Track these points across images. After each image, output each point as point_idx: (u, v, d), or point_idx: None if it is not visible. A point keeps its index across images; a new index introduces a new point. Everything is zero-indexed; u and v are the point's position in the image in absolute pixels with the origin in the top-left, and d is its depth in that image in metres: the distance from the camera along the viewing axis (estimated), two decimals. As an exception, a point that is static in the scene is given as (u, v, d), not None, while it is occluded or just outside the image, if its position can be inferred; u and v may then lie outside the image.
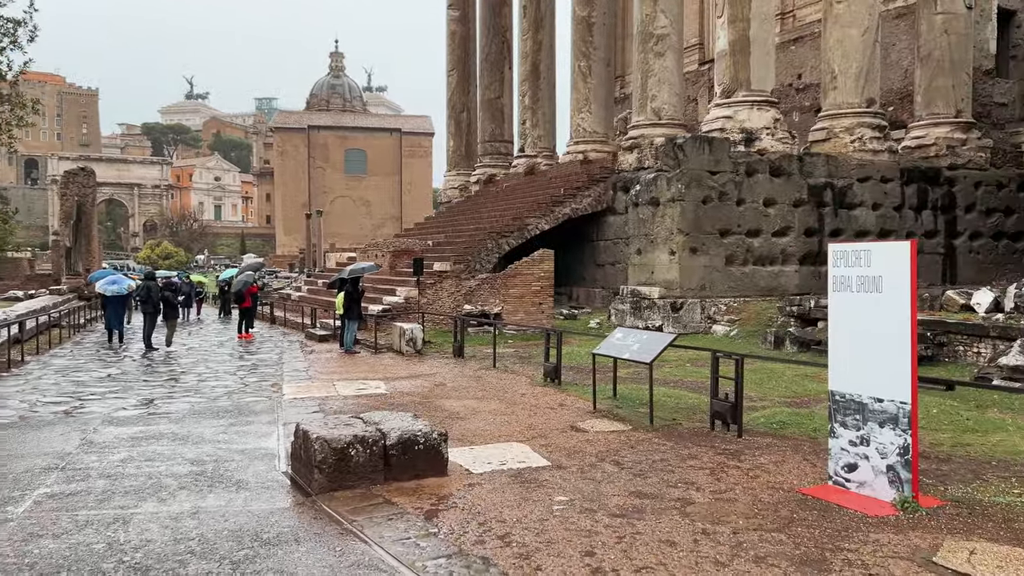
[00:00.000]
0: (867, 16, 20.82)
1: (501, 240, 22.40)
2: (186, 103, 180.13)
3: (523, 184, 27.67)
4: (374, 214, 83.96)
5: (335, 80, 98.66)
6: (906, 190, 21.32)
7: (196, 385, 13.18)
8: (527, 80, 29.49)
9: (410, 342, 16.58)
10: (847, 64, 20.92)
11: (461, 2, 34.92)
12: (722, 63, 20.58)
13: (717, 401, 8.85)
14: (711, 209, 18.88)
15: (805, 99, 27.05)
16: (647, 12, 22.64)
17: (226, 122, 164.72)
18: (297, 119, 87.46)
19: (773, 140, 20.07)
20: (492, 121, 32.59)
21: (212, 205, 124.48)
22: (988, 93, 23.75)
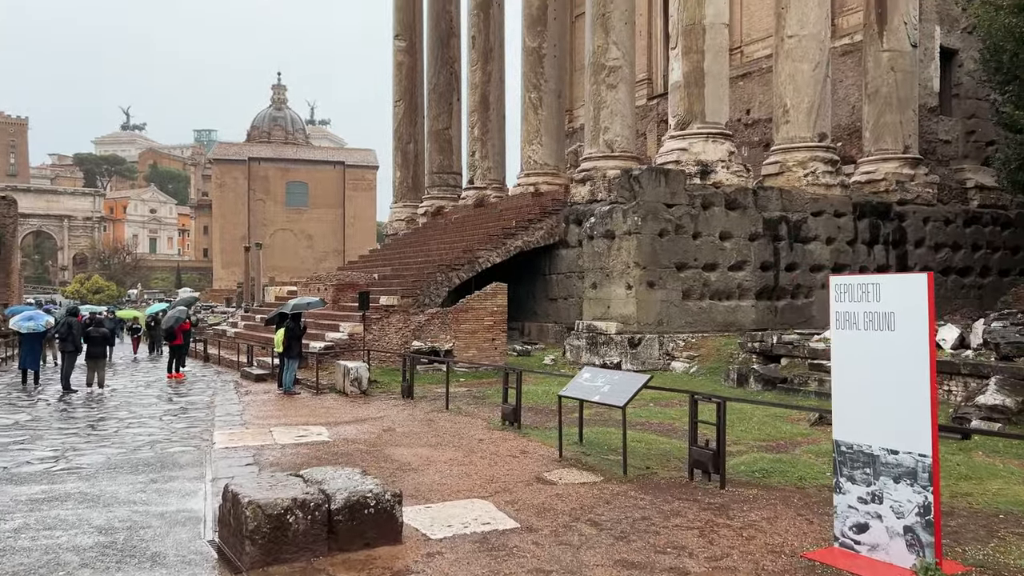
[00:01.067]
0: (818, 51, 20.86)
1: (451, 273, 21.54)
2: (122, 134, 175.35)
3: (473, 216, 26.94)
4: (316, 247, 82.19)
5: (277, 112, 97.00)
6: (859, 224, 21.26)
7: (116, 433, 11.88)
8: (476, 111, 28.94)
9: (355, 382, 15.52)
10: (799, 98, 20.88)
11: (408, 32, 34.36)
12: (676, 95, 20.31)
13: (697, 449, 8.09)
14: (668, 242, 18.40)
15: (754, 134, 27.08)
16: (599, 44, 22.35)
17: (163, 153, 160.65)
18: (237, 151, 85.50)
19: (728, 173, 19.79)
20: (440, 152, 31.89)
21: (147, 238, 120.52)
22: (933, 130, 24.06)
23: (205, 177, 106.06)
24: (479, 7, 29.02)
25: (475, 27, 29.12)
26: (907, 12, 22.08)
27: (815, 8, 20.75)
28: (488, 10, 29.04)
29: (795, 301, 20.35)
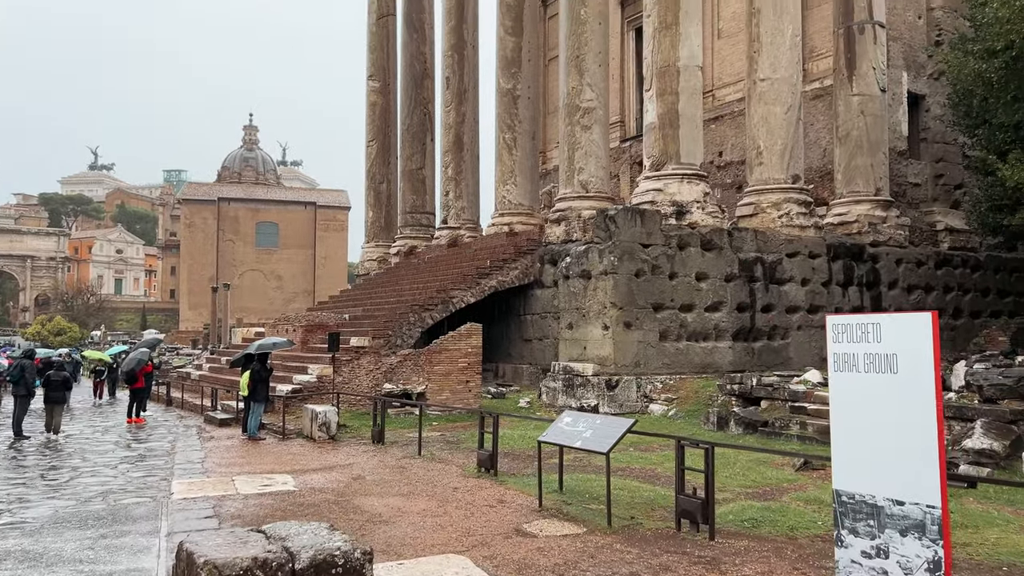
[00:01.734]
0: (789, 94, 21.05)
1: (424, 314, 21.11)
2: (89, 174, 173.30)
3: (446, 256, 26.61)
4: (285, 288, 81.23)
5: (248, 153, 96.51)
6: (833, 266, 21.26)
7: (68, 483, 11.19)
8: (450, 151, 28.81)
9: (323, 427, 14.93)
10: (772, 140, 20.99)
11: (382, 73, 34.33)
12: (651, 136, 20.31)
13: (684, 498, 7.70)
14: (644, 282, 18.19)
15: (727, 176, 27.22)
16: (573, 85, 22.38)
17: (131, 193, 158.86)
18: (207, 191, 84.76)
19: (703, 214, 19.72)
20: (413, 192, 31.65)
21: (112, 278, 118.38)
22: (903, 173, 24.34)
23: (174, 217, 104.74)
24: (453, 49, 29.09)
25: (449, 68, 29.15)
26: (875, 58, 22.43)
27: (787, 52, 20.99)
28: (462, 52, 29.11)
29: (772, 342, 20.19)
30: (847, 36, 22.52)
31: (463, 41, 29.12)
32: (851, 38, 22.43)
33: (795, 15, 21.25)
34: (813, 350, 20.76)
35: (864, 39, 22.30)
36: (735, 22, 26.83)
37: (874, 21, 22.39)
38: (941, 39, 24.12)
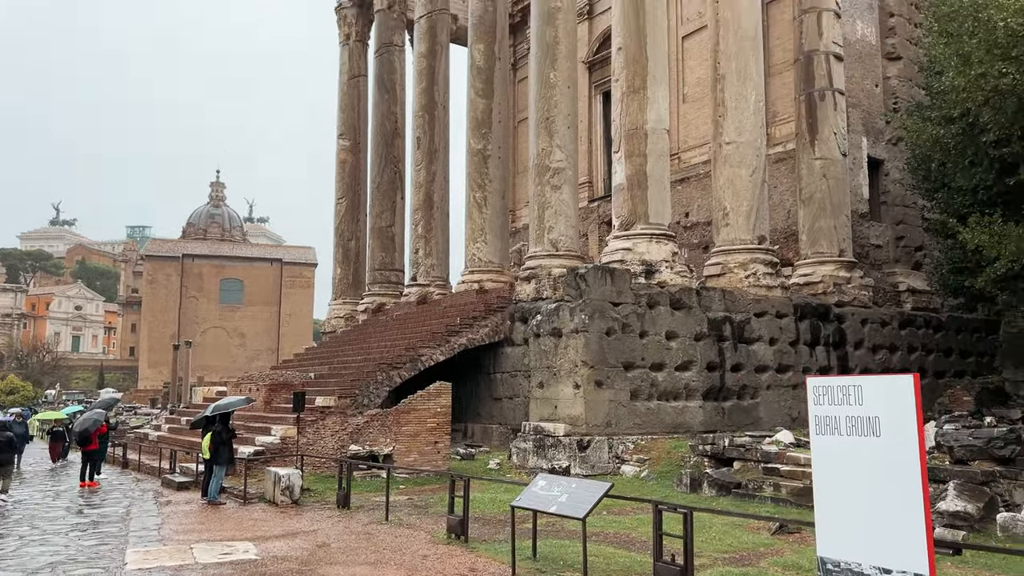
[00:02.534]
0: (754, 157, 21.50)
1: (392, 372, 20.77)
2: (50, 229, 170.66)
3: (415, 313, 26.38)
4: (249, 346, 79.88)
5: (215, 209, 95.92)
6: (800, 326, 21.44)
7: (13, 552, 10.59)
8: (420, 209, 28.84)
9: (286, 490, 14.44)
10: (738, 202, 21.34)
11: (352, 132, 34.54)
12: (620, 196, 20.52)
13: (662, 564, 7.47)
14: (615, 341, 18.13)
15: (694, 236, 27.56)
16: (543, 147, 22.65)
17: (93, 249, 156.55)
18: (171, 247, 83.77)
19: (672, 273, 19.84)
20: (383, 249, 31.53)
21: (70, 335, 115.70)
22: (865, 235, 24.85)
23: (136, 274, 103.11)
24: (424, 109, 29.40)
25: (420, 128, 29.40)
26: (835, 124, 23.10)
27: (751, 117, 21.52)
28: (433, 112, 29.42)
29: (742, 402, 20.16)
30: (808, 102, 23.21)
31: (434, 102, 29.46)
32: (812, 104, 23.12)
33: (758, 82, 21.86)
34: (783, 410, 20.78)
35: (825, 105, 23.00)
36: (700, 88, 27.56)
37: (834, 88, 23.14)
38: (898, 107, 24.98)
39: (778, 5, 25.54)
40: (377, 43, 33.05)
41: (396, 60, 32.84)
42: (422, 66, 29.66)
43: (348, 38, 35.27)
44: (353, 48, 35.16)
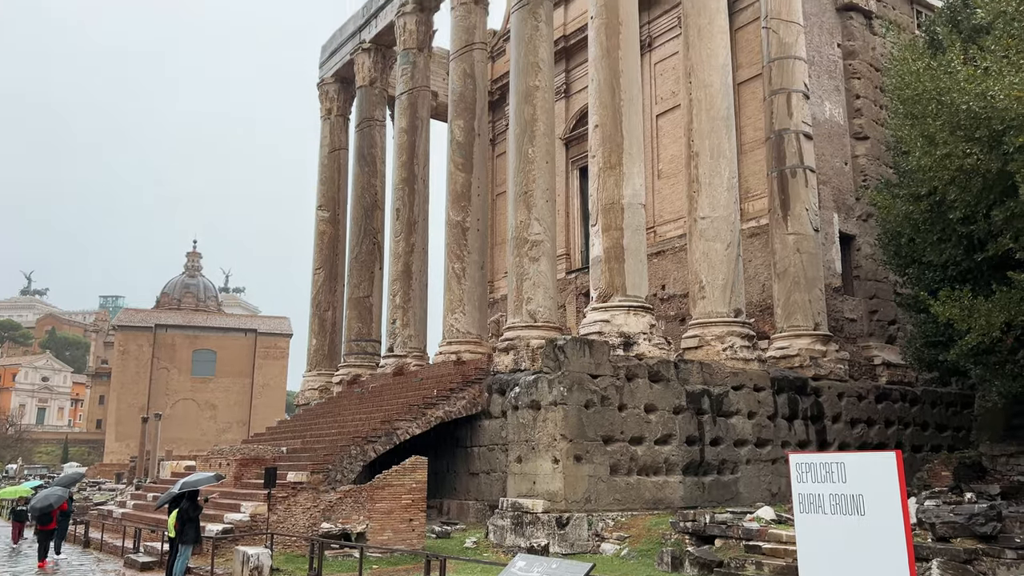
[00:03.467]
0: (729, 232, 21.85)
1: (367, 446, 20.36)
2: (20, 299, 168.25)
3: (391, 385, 26.06)
4: (220, 418, 78.26)
5: (190, 280, 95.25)
6: (778, 399, 21.44)
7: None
8: (399, 280, 28.85)
9: (255, 571, 13.91)
10: (714, 275, 21.57)
11: (332, 204, 34.77)
12: (597, 269, 20.68)
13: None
14: (594, 414, 17.98)
15: (670, 309, 27.73)
16: (521, 219, 22.90)
17: (64, 319, 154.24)
18: (144, 317, 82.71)
19: (650, 345, 19.87)
20: (360, 320, 31.36)
21: (36, 408, 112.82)
22: (839, 309, 25.14)
23: (107, 344, 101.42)
24: (404, 182, 29.73)
25: (400, 200, 29.67)
26: (807, 200, 23.63)
27: (724, 193, 21.96)
28: (413, 185, 29.75)
29: (721, 477, 19.95)
30: (780, 179, 23.78)
31: (414, 175, 29.84)
32: (784, 181, 23.68)
33: (731, 159, 22.41)
34: (763, 485, 20.59)
35: (796, 182, 23.56)
36: (674, 164, 28.20)
37: (804, 166, 23.75)
38: (867, 184, 25.66)
39: (749, 86, 26.41)
40: (358, 118, 33.61)
41: (377, 134, 33.36)
42: (402, 140, 30.13)
43: (330, 112, 35.86)
44: (334, 122, 35.72)
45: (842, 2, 27.23)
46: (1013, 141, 13.38)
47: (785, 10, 24.37)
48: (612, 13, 21.33)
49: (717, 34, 22.61)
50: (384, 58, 33.32)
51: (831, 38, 27.07)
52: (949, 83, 14.38)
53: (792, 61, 24.12)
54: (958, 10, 20.82)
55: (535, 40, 23.89)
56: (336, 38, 35.88)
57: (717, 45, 22.54)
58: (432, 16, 30.99)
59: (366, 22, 33.55)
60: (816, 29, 26.30)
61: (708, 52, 22.42)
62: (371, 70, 33.15)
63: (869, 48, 27.65)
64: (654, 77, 29.64)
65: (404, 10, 30.40)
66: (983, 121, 13.85)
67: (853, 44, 27.29)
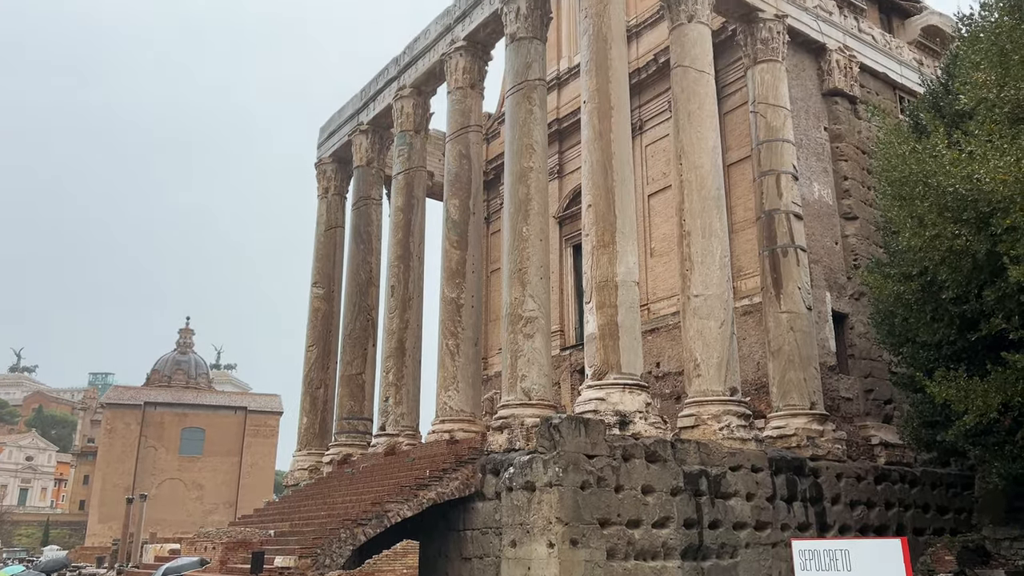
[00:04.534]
0: (722, 310, 21.93)
1: (357, 529, 19.82)
2: (8, 376, 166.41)
3: (383, 465, 25.59)
4: (206, 499, 76.49)
5: (181, 357, 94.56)
6: (776, 480, 21.11)
7: None
8: (392, 356, 28.68)
9: (238, 662, 13.32)
10: (708, 354, 21.54)
11: (327, 281, 34.86)
12: (592, 346, 20.64)
13: None
14: (590, 496, 17.62)
15: (665, 386, 27.57)
16: (516, 296, 22.95)
17: (51, 397, 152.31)
18: (133, 395, 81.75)
19: (647, 424, 19.65)
20: (351, 397, 31.01)
21: (18, 488, 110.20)
22: (835, 387, 25.02)
23: (95, 423, 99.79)
24: (400, 259, 29.91)
25: (395, 277, 29.79)
26: (799, 279, 23.82)
27: (717, 271, 22.14)
28: (408, 262, 29.92)
29: (721, 561, 19.44)
30: (772, 258, 24.03)
31: (409, 252, 30.05)
32: (776, 260, 23.93)
33: (723, 237, 22.68)
34: (763, 570, 20.07)
35: (788, 261, 23.81)
36: (666, 243, 28.51)
37: (796, 245, 24.05)
38: (858, 263, 25.94)
39: (739, 167, 26.96)
40: (355, 197, 34.05)
41: (373, 213, 33.73)
42: (399, 219, 30.46)
43: (327, 191, 36.34)
44: (331, 201, 36.16)
45: (827, 87, 28.09)
46: (1000, 223, 13.61)
47: (772, 95, 25.13)
48: (604, 98, 21.91)
49: (706, 118, 23.21)
50: (381, 139, 34.00)
51: (818, 122, 27.81)
52: (935, 166, 14.73)
53: (780, 144, 24.72)
54: (940, 96, 21.49)
55: (529, 123, 24.45)
56: (334, 120, 36.68)
57: (707, 128, 23.11)
58: (429, 100, 31.78)
59: (364, 105, 34.36)
60: (803, 113, 27.05)
61: (698, 135, 22.97)
62: (368, 151, 33.78)
63: (855, 131, 28.38)
64: (645, 158, 30.27)
65: (402, 94, 31.19)
66: (970, 203, 14.13)
67: (839, 127, 28.03)
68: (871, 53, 29.90)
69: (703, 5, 23.90)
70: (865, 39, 29.93)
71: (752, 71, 25.73)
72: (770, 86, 25.20)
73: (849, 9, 29.86)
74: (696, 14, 23.79)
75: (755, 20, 25.79)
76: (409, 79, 31.25)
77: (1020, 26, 14.83)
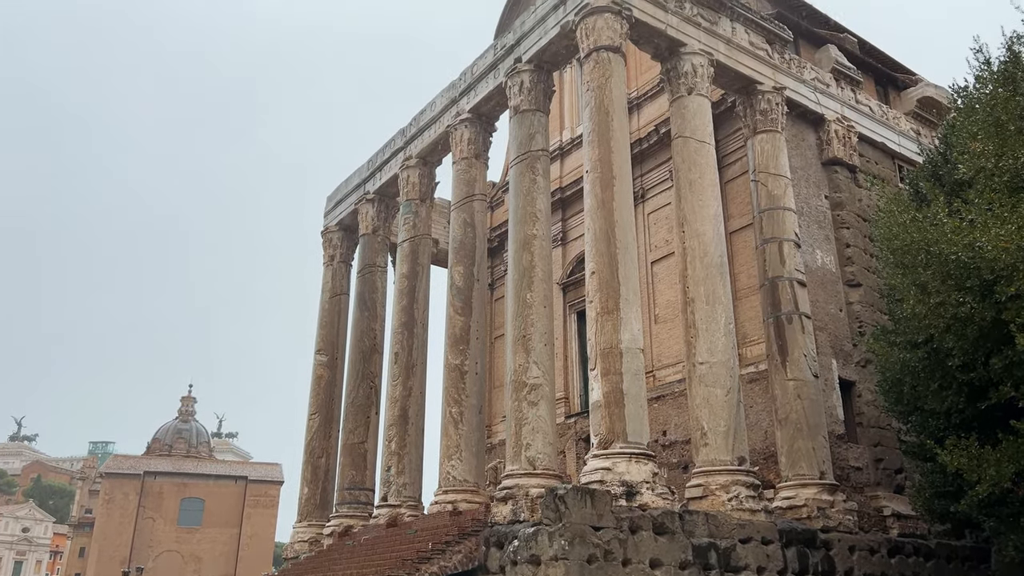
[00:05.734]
0: (728, 377, 21.76)
1: (356, 605, 19.29)
2: (9, 445, 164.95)
3: (385, 537, 25.04)
4: (204, 572, 74.83)
5: (183, 425, 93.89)
6: (787, 553, 20.58)
7: None
8: (395, 425, 28.40)
9: None
10: (715, 422, 21.28)
11: (330, 348, 34.80)
12: (597, 414, 20.43)
13: None
14: (597, 570, 17.17)
15: (672, 455, 27.16)
16: (520, 363, 22.83)
17: (50, 466, 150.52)
18: (132, 464, 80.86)
19: (654, 495, 19.29)
20: (353, 467, 30.57)
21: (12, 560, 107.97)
22: (844, 457, 24.62)
23: (93, 493, 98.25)
24: (404, 326, 29.92)
25: (399, 344, 29.74)
26: (805, 346, 23.72)
27: (722, 338, 22.07)
28: (412, 329, 29.92)
29: (733, 640, 18.81)
30: (777, 325, 23.98)
31: (413, 319, 30.07)
32: (781, 327, 23.88)
33: (727, 304, 22.67)
34: (776, 647, 19.40)
35: (793, 328, 23.75)
36: (670, 309, 28.51)
37: (800, 312, 24.02)
38: (863, 330, 25.83)
39: (741, 235, 27.15)
40: (360, 264, 34.30)
41: (378, 280, 33.91)
42: (403, 285, 30.60)
43: (332, 259, 36.63)
44: (337, 268, 36.42)
45: (827, 157, 28.52)
46: (1005, 290, 13.61)
47: (772, 164, 25.50)
48: (606, 167, 22.24)
49: (708, 187, 23.49)
50: (387, 208, 34.44)
51: (818, 190, 28.13)
52: (936, 234, 14.82)
53: (782, 212, 24.96)
54: (939, 165, 21.76)
55: (533, 192, 24.77)
56: (341, 189, 37.23)
57: (708, 197, 23.37)
58: (434, 169, 32.31)
59: (371, 175, 34.93)
60: (803, 182, 27.39)
61: (700, 203, 23.21)
62: (374, 219, 34.18)
63: (855, 199, 28.67)
64: (648, 226, 30.53)
65: (408, 164, 31.73)
66: (973, 271, 14.16)
67: (840, 196, 28.34)
68: (869, 123, 30.47)
69: (702, 78, 24.47)
70: (863, 110, 30.55)
71: (752, 141, 26.18)
72: (770, 155, 25.60)
73: (846, 81, 30.54)
74: (695, 87, 24.33)
75: (754, 92, 26.38)
76: (415, 150, 31.84)
77: (1015, 98, 15.13)
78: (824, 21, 33.26)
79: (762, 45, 27.09)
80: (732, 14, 26.36)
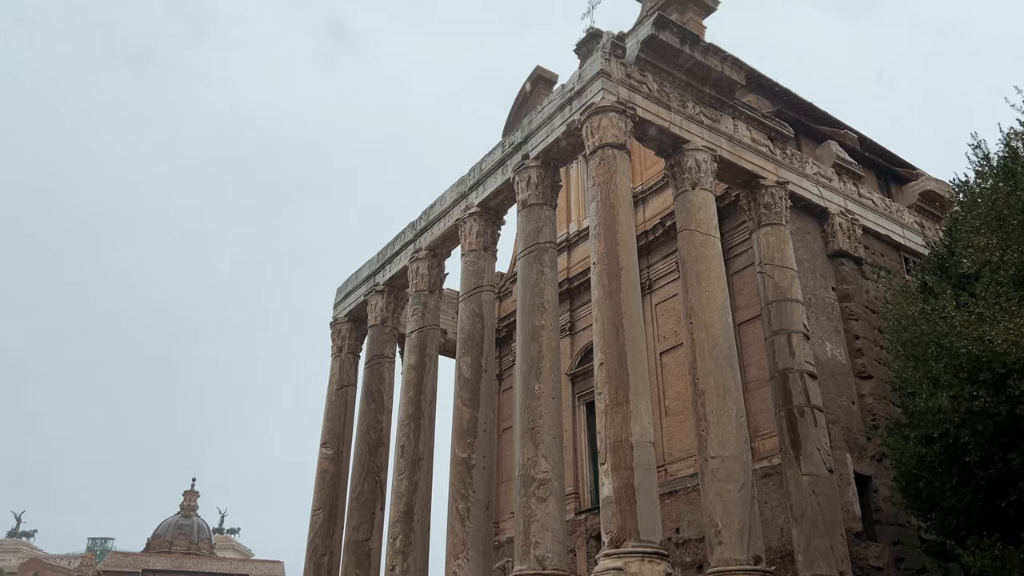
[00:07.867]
0: (741, 472, 21.29)
1: None
2: (6, 541, 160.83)
3: (387, 642, 24.10)
4: None
5: (184, 520, 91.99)
6: (808, 659, 19.64)
7: None
8: (400, 522, 27.72)
9: None
10: (729, 519, 20.70)
11: (336, 441, 34.36)
12: (608, 510, 19.93)
13: None
14: (608, 678, 16.37)
15: (686, 554, 26.32)
16: (528, 456, 22.46)
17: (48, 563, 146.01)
18: (131, 561, 78.90)
19: (667, 598, 18.59)
20: (357, 566, 29.67)
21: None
22: (863, 555, 23.79)
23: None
24: (411, 418, 29.62)
25: (405, 436, 29.37)
26: (818, 439, 23.30)
27: (734, 431, 21.70)
28: (419, 421, 29.61)
29: None
30: (789, 418, 23.63)
31: (420, 411, 29.80)
32: (793, 420, 23.51)
33: (737, 397, 22.41)
34: None
35: (805, 422, 23.38)
36: (680, 401, 28.18)
37: (812, 405, 23.70)
38: (876, 423, 25.40)
39: (749, 326, 27.10)
40: (368, 355, 34.26)
41: (386, 371, 33.80)
42: (411, 377, 30.46)
43: (340, 350, 36.63)
44: (345, 359, 36.35)
45: (832, 249, 28.75)
46: (1018, 385, 13.46)
47: (778, 256, 25.69)
48: (613, 259, 22.44)
49: (714, 278, 23.61)
50: (396, 299, 34.66)
51: (825, 282, 28.23)
52: (946, 327, 14.78)
53: (789, 303, 24.98)
54: (945, 258, 21.87)
55: (540, 283, 24.93)
56: (351, 282, 37.59)
57: (715, 288, 23.45)
58: (443, 261, 32.67)
59: (380, 267, 35.33)
60: (810, 273, 27.52)
61: (707, 295, 23.27)
62: (383, 310, 34.34)
63: (863, 291, 28.71)
64: (656, 317, 30.56)
65: (417, 256, 32.12)
66: (984, 364, 14.04)
67: (847, 287, 28.40)
68: (873, 216, 30.84)
69: (706, 173, 24.96)
70: (866, 203, 30.97)
71: (757, 234, 26.47)
72: (775, 248, 25.82)
73: (848, 175, 31.10)
74: (700, 181, 24.79)
75: (757, 186, 26.84)
76: (425, 242, 32.29)
77: (1015, 193, 15.34)
78: (824, 118, 34.15)
79: (764, 141, 27.73)
80: (734, 112, 27.10)
